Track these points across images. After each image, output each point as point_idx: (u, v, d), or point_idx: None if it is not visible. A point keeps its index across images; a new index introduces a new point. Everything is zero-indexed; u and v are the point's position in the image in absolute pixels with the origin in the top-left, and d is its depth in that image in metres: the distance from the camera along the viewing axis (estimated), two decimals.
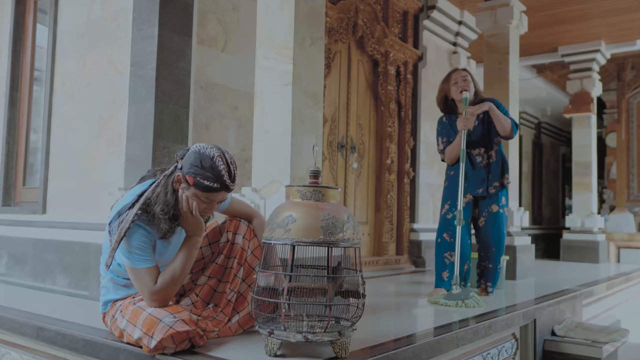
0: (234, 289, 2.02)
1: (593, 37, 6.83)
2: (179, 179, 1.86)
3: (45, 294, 3.11)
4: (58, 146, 3.39)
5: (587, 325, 3.48)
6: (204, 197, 1.85)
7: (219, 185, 1.83)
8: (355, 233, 1.75)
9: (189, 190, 1.85)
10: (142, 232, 1.82)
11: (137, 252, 1.81)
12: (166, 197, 1.84)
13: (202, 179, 1.81)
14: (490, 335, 2.53)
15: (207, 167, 1.81)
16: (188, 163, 1.84)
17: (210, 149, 1.85)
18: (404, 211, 5.44)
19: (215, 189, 1.83)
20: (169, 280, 1.82)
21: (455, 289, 3.02)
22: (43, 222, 3.35)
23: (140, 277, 1.81)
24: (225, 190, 1.85)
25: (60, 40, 3.45)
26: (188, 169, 1.83)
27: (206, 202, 1.87)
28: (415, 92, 5.62)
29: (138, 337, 1.75)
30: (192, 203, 1.86)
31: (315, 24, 2.99)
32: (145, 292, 1.81)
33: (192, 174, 1.82)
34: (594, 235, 7.12)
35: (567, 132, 11.30)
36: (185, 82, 2.86)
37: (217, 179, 1.82)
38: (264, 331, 1.73)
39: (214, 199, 1.87)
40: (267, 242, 1.74)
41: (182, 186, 1.86)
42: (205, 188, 1.82)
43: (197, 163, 1.82)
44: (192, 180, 1.82)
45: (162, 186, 1.86)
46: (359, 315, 1.78)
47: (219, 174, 1.82)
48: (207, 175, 1.81)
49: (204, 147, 1.86)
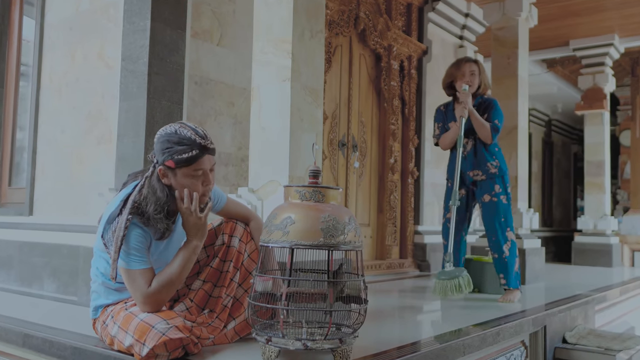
0: (230, 294, 2.02)
1: (606, 30, 6.82)
2: (162, 172, 1.87)
3: (32, 299, 3.10)
4: (45, 144, 3.39)
5: (600, 332, 3.48)
6: (193, 172, 1.86)
7: (198, 149, 1.84)
8: (357, 235, 1.75)
9: (177, 176, 1.86)
10: (139, 232, 1.83)
11: (134, 252, 1.81)
12: (156, 195, 1.85)
13: (179, 155, 1.82)
14: (498, 343, 2.53)
15: (176, 141, 1.83)
16: (159, 151, 1.86)
17: (170, 126, 1.88)
18: (407, 213, 5.45)
19: (197, 155, 1.84)
20: (164, 284, 1.83)
21: (448, 266, 3.28)
22: (29, 224, 3.35)
23: (135, 279, 1.81)
24: (206, 151, 1.86)
25: (47, 34, 3.45)
26: (162, 155, 1.85)
27: (198, 174, 1.87)
28: (419, 87, 5.62)
29: (129, 344, 1.75)
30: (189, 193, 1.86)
31: (315, 17, 3.00)
32: (139, 295, 1.81)
33: (167, 157, 1.83)
34: (607, 238, 7.12)
35: (579, 130, 11.30)
36: (178, 77, 2.86)
37: (191, 145, 1.83)
38: (261, 338, 1.73)
39: (203, 167, 1.87)
40: (265, 245, 1.75)
41: (169, 176, 1.87)
42: (187, 160, 1.83)
43: (165, 145, 1.84)
44: (172, 162, 1.84)
45: (148, 187, 1.87)
46: (361, 322, 1.78)
47: (190, 140, 1.83)
48: (181, 148, 1.82)
49: (163, 129, 1.89)
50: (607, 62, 7.28)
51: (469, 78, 3.58)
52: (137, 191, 1.87)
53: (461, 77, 3.61)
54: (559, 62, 8.31)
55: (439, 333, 2.42)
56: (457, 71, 3.65)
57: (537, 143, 10.56)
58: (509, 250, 3.48)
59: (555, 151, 11.39)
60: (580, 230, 7.43)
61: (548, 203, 10.98)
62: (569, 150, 12.10)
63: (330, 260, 1.72)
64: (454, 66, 3.70)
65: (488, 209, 3.54)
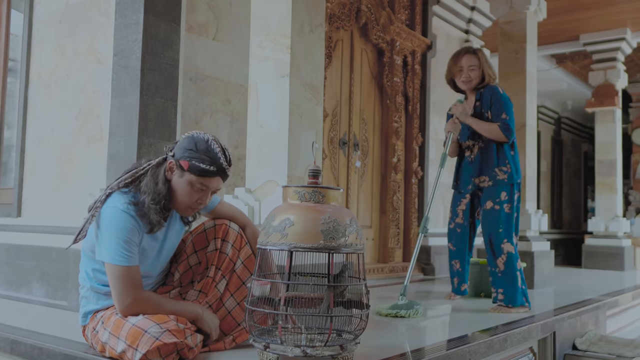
0: (210, 302, 2.02)
1: (618, 24, 6.83)
2: (172, 165, 1.91)
3: (20, 304, 3.11)
4: (34, 143, 3.39)
5: (612, 339, 3.48)
6: (198, 184, 1.90)
7: (216, 168, 1.89)
8: (359, 238, 1.76)
9: (183, 178, 1.89)
10: (132, 222, 1.84)
11: (124, 245, 1.81)
12: (157, 187, 1.89)
13: (197, 162, 1.87)
14: (505, 350, 2.54)
15: (202, 149, 1.88)
16: (182, 147, 1.91)
17: (204, 134, 1.94)
18: (411, 214, 5.45)
19: (212, 172, 1.89)
20: (152, 305, 1.84)
21: (400, 299, 3.07)
22: (18, 226, 3.35)
23: (121, 276, 1.81)
24: (221, 174, 1.91)
25: (36, 28, 3.45)
26: (182, 153, 1.90)
27: (201, 189, 1.91)
28: (423, 84, 5.63)
29: (121, 350, 1.75)
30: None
31: (315, 10, 3.00)
32: (123, 294, 1.81)
33: (186, 157, 1.88)
34: (618, 241, 7.12)
35: (590, 128, 11.31)
36: (173, 73, 2.86)
37: (213, 162, 1.88)
38: (258, 345, 1.73)
39: (209, 185, 1.92)
40: (263, 247, 1.75)
41: (176, 173, 1.91)
42: (201, 171, 1.87)
43: (192, 146, 1.89)
44: (187, 164, 1.88)
45: (151, 176, 1.91)
46: (363, 328, 1.78)
47: (214, 157, 1.89)
48: (203, 158, 1.87)
49: (198, 133, 1.95)
50: (619, 58, 7.29)
51: (467, 74, 3.41)
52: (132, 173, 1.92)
53: (458, 74, 3.45)
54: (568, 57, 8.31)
55: (443, 339, 2.42)
56: (454, 66, 3.48)
57: (546, 142, 10.57)
58: (505, 265, 3.26)
59: (565, 150, 11.40)
60: (591, 232, 7.44)
61: (557, 204, 10.99)
62: (579, 149, 12.10)
63: (330, 264, 1.72)
64: (452, 59, 3.52)
65: (487, 217, 3.36)
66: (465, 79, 3.44)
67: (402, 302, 3.05)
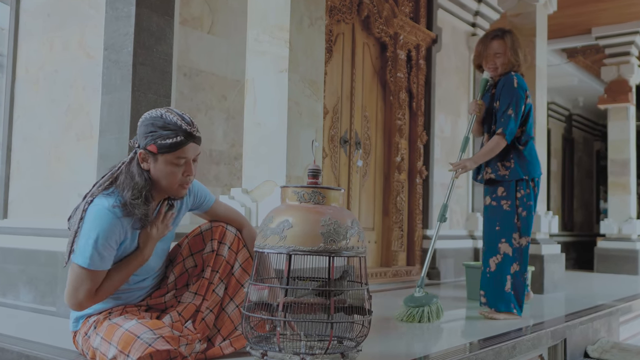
0: (210, 307, 2.02)
1: (632, 16, 6.83)
2: (143, 156, 1.90)
3: (7, 309, 3.11)
4: (21, 141, 3.40)
5: (625, 346, 3.48)
6: (175, 159, 1.88)
7: (183, 135, 1.87)
8: (360, 240, 1.76)
9: (158, 162, 1.88)
10: (115, 223, 1.83)
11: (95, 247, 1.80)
12: (133, 181, 1.88)
13: (163, 140, 1.86)
14: (514, 357, 2.54)
15: (161, 125, 1.87)
16: (142, 134, 1.90)
17: (156, 110, 1.93)
18: (415, 215, 5.45)
19: (181, 141, 1.87)
20: (102, 296, 1.88)
21: (418, 291, 3.09)
22: (3, 228, 3.35)
23: (83, 280, 1.82)
24: (191, 139, 1.89)
25: (23, 21, 3.45)
26: (144, 139, 1.89)
27: (179, 163, 1.89)
28: (428, 79, 5.63)
29: (113, 356, 1.76)
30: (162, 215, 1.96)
31: (315, 2, 3.00)
32: (80, 297, 1.83)
33: (150, 141, 1.87)
34: (632, 243, 7.13)
35: (602, 126, 11.31)
36: (166, 68, 2.86)
37: (177, 132, 1.86)
38: (256, 352, 1.74)
39: (186, 155, 1.90)
40: (260, 250, 1.75)
41: (150, 161, 1.90)
42: (171, 146, 1.86)
43: (150, 128, 1.88)
44: (155, 147, 1.87)
45: (126, 173, 1.91)
46: (365, 335, 1.78)
47: (175, 126, 1.87)
48: (166, 134, 1.86)
49: (149, 112, 1.93)
50: (633, 52, 7.29)
51: (492, 61, 3.38)
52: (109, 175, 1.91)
53: (484, 61, 3.44)
54: (580, 51, 8.31)
55: (449, 347, 2.42)
56: (485, 49, 3.43)
57: (556, 140, 10.57)
58: (497, 266, 3.24)
59: (576, 149, 11.40)
60: (604, 234, 7.44)
61: (568, 205, 10.99)
62: (591, 147, 12.10)
63: (331, 267, 1.72)
64: (482, 44, 3.47)
65: (485, 213, 3.41)
66: (491, 66, 3.40)
67: (419, 294, 3.07)
